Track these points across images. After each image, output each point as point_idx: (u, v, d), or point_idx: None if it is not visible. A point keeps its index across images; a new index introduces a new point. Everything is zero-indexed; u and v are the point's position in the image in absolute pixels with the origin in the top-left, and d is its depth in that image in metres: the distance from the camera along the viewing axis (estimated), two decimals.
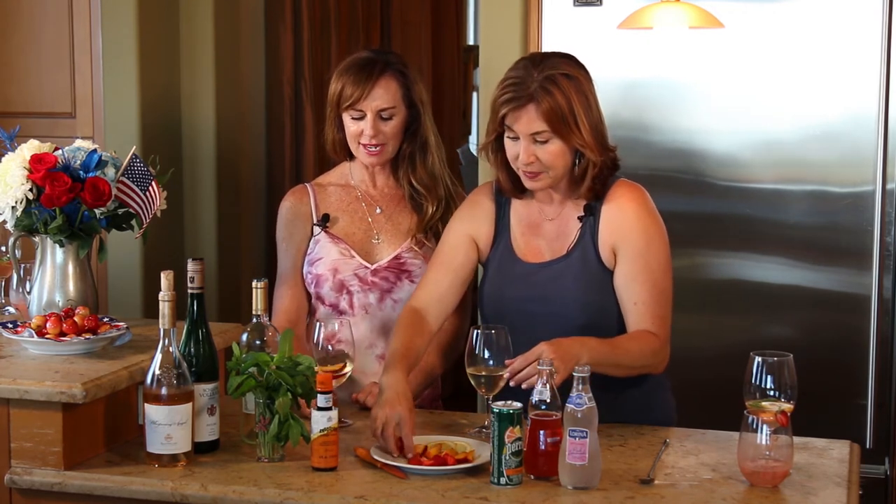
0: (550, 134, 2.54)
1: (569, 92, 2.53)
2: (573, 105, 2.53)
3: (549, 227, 2.70)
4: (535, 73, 2.55)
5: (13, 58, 4.07)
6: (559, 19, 3.80)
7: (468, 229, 2.76)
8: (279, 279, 3.00)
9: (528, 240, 2.71)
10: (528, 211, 2.73)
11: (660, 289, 2.62)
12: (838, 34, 3.64)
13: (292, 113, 4.60)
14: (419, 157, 2.97)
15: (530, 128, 2.55)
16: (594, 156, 2.57)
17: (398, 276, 2.94)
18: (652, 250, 2.63)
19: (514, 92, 2.55)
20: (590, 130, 2.56)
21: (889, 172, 3.62)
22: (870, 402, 3.67)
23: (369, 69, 2.90)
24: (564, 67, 2.57)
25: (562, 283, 2.63)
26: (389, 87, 2.90)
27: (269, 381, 2.38)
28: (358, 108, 2.89)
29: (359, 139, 2.92)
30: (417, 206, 2.99)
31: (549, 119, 2.53)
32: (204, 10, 4.16)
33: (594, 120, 2.58)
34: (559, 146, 2.56)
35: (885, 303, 3.65)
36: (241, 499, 2.29)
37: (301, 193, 3.04)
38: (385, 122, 2.90)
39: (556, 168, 2.59)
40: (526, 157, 2.57)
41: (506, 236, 2.73)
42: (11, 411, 2.43)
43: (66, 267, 2.79)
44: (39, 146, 2.81)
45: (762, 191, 3.74)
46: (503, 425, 2.25)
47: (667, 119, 3.78)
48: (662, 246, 2.65)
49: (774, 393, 2.27)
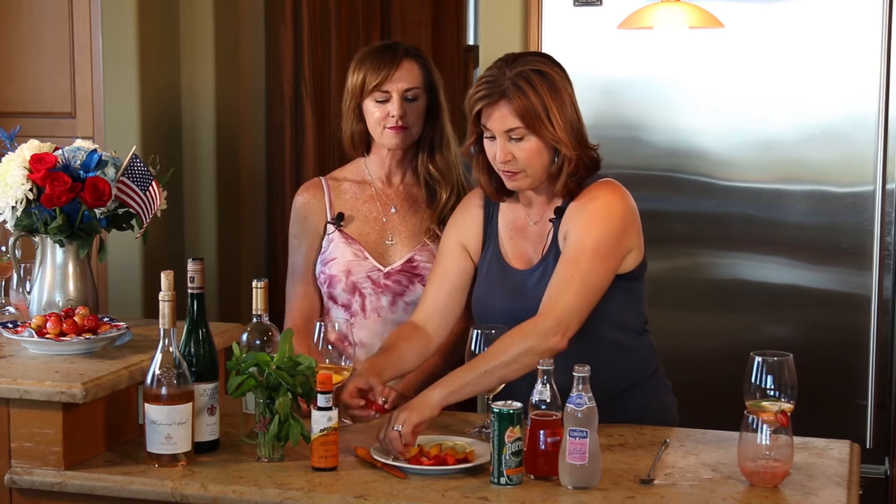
0: (524, 130, 2.54)
1: (540, 88, 2.53)
2: (545, 100, 2.53)
3: (533, 230, 2.69)
4: (507, 72, 2.56)
5: (13, 58, 4.07)
6: (559, 19, 3.81)
7: (458, 237, 2.76)
8: (291, 276, 3.00)
9: (515, 244, 2.71)
10: (514, 215, 2.73)
11: (578, 269, 2.51)
12: (838, 34, 3.65)
13: (292, 113, 4.59)
14: (437, 144, 2.98)
15: (504, 124, 2.55)
16: (568, 151, 2.56)
17: (411, 280, 2.94)
18: (590, 233, 2.53)
19: (487, 89, 2.56)
20: (563, 126, 2.55)
21: (889, 172, 3.63)
22: (870, 402, 3.67)
23: (391, 53, 2.92)
24: (537, 65, 2.57)
25: (541, 287, 2.58)
26: (412, 70, 2.92)
27: (269, 381, 2.38)
28: (384, 89, 2.89)
29: (383, 122, 2.91)
30: (431, 200, 2.98)
31: (521, 114, 2.53)
32: (204, 10, 4.16)
33: (569, 116, 2.56)
34: (535, 143, 2.56)
35: (885, 303, 3.65)
36: (241, 499, 2.29)
37: (315, 188, 3.04)
38: (410, 103, 2.91)
39: (534, 167, 2.58)
40: (503, 155, 2.57)
41: (494, 241, 2.73)
42: (11, 411, 2.43)
43: (66, 267, 2.79)
44: (39, 146, 2.80)
45: (762, 191, 3.74)
46: (503, 425, 2.25)
47: (667, 119, 3.78)
48: (607, 232, 2.54)
49: (774, 393, 2.27)
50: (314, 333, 2.62)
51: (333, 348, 2.63)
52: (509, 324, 2.56)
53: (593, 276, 2.53)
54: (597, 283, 2.54)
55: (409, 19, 5.53)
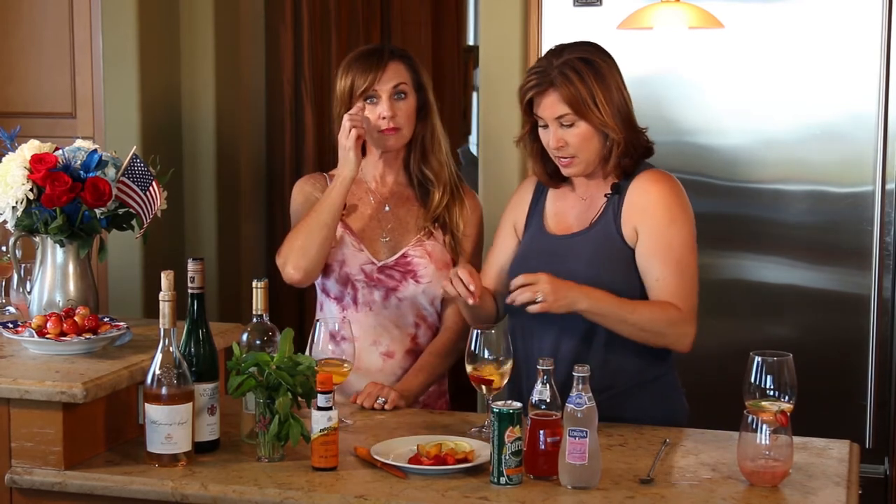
0: (573, 116, 2.66)
1: (586, 75, 2.65)
2: (591, 87, 2.65)
3: (581, 205, 2.78)
4: (555, 61, 2.68)
5: (13, 58, 4.07)
6: (559, 19, 3.81)
7: (511, 218, 2.89)
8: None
9: (558, 215, 2.80)
10: (563, 194, 2.82)
11: (681, 266, 2.67)
12: (838, 34, 3.65)
13: (292, 112, 4.59)
14: (429, 143, 3.01)
15: (554, 111, 2.66)
16: (616, 135, 2.67)
17: (403, 276, 2.95)
18: (674, 230, 2.68)
19: (536, 79, 2.69)
20: (610, 112, 2.66)
21: (889, 172, 3.62)
22: (870, 402, 3.67)
23: (377, 56, 2.95)
24: (582, 53, 2.69)
25: (576, 253, 2.69)
26: (399, 70, 2.95)
27: (269, 380, 2.38)
28: (372, 90, 2.92)
29: (375, 126, 2.94)
30: (425, 199, 3.01)
31: (569, 101, 2.65)
32: (204, 10, 4.16)
33: (616, 101, 2.68)
34: (584, 128, 2.67)
35: (884, 303, 3.65)
36: (241, 498, 2.29)
37: (317, 179, 3.08)
38: (399, 101, 2.94)
39: (586, 151, 2.69)
40: (555, 141, 2.69)
41: (539, 215, 2.82)
42: (12, 411, 2.44)
43: (66, 267, 2.80)
44: (40, 146, 2.81)
45: (762, 191, 3.74)
46: (503, 425, 2.25)
47: (666, 119, 3.78)
48: (687, 226, 2.71)
49: (774, 393, 2.27)
50: (313, 332, 2.62)
51: (334, 348, 2.63)
52: None
53: (694, 270, 2.70)
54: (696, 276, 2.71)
55: (409, 19, 5.53)
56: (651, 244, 2.67)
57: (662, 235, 2.67)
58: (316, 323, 2.64)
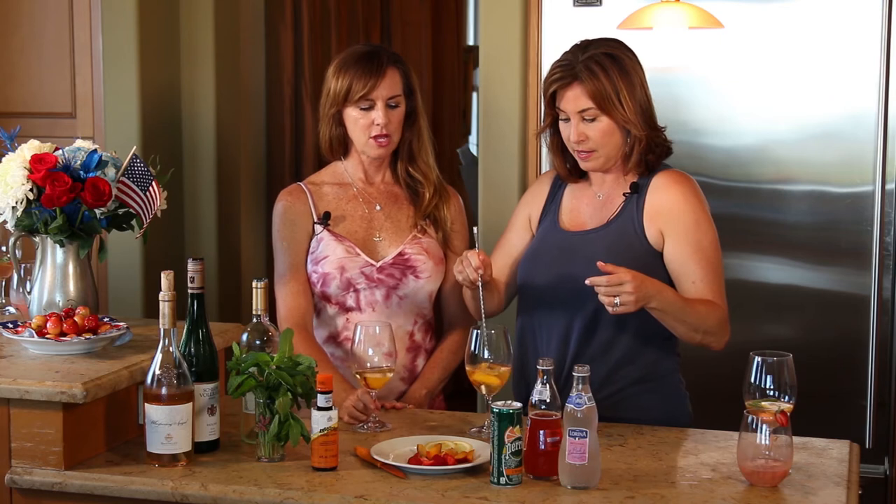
0: (596, 111, 2.67)
1: (611, 70, 2.67)
2: (616, 82, 2.66)
3: (598, 202, 2.79)
4: (580, 55, 2.69)
5: (13, 58, 4.07)
6: (559, 19, 3.81)
7: (526, 211, 2.90)
8: (280, 279, 2.99)
9: (574, 212, 2.81)
10: (581, 191, 2.83)
11: (714, 266, 2.69)
12: (838, 34, 3.64)
13: (292, 113, 4.60)
14: (416, 146, 3.02)
15: (577, 105, 2.68)
16: (638, 131, 2.69)
17: (403, 273, 2.96)
18: (701, 230, 2.70)
19: (561, 72, 2.70)
20: (633, 108, 2.68)
21: (889, 172, 3.62)
22: (870, 402, 3.67)
23: (376, 61, 2.94)
24: (608, 49, 2.71)
25: (588, 250, 2.68)
26: (395, 78, 2.95)
27: (269, 381, 2.38)
28: (369, 97, 2.91)
29: (368, 132, 2.93)
30: (414, 198, 3.02)
31: (593, 95, 2.66)
32: (204, 10, 4.16)
33: (638, 98, 2.69)
34: (606, 123, 2.68)
35: (884, 303, 3.65)
36: (241, 498, 2.29)
37: (297, 192, 3.04)
38: (392, 110, 2.94)
39: (606, 146, 2.71)
40: (576, 135, 2.70)
41: (554, 211, 2.83)
42: (12, 411, 2.44)
43: (66, 267, 2.80)
44: (40, 146, 2.81)
45: (762, 191, 3.74)
46: (503, 425, 2.26)
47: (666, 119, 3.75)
48: (710, 226, 2.72)
49: (774, 393, 2.28)
50: (354, 337, 2.65)
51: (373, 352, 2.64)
52: (551, 284, 2.71)
53: (722, 269, 2.72)
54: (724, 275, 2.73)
55: (409, 20, 5.53)
56: (683, 247, 2.68)
57: (693, 237, 2.68)
58: (357, 327, 2.66)
